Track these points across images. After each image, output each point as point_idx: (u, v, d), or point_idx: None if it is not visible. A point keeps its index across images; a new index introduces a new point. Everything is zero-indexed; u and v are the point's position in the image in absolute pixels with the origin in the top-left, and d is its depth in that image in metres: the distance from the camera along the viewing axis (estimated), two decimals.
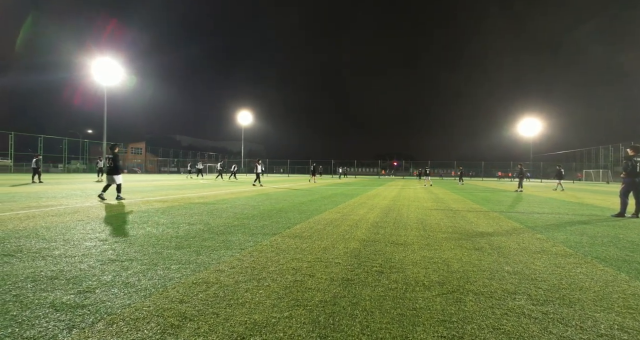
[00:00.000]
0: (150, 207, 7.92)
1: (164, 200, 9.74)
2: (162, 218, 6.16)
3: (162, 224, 5.55)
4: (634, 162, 7.30)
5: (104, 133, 37.51)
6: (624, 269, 3.31)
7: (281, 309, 2.27)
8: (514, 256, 3.78)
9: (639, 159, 7.29)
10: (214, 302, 2.37)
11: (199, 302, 2.35)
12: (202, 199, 10.14)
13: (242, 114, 69.46)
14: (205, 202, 9.37)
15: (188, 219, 6.08)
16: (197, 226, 5.39)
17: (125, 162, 62.19)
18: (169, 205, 8.26)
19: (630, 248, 4.28)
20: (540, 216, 7.42)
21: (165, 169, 67.66)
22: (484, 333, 1.97)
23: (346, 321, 2.10)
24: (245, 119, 69.50)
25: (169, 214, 6.78)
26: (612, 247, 4.34)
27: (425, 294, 2.58)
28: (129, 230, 4.96)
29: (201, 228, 5.24)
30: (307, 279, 2.91)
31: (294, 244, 4.25)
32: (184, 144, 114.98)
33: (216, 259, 3.48)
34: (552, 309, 2.33)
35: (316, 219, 6.35)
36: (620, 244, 4.51)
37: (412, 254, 3.83)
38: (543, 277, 3.04)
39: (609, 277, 3.05)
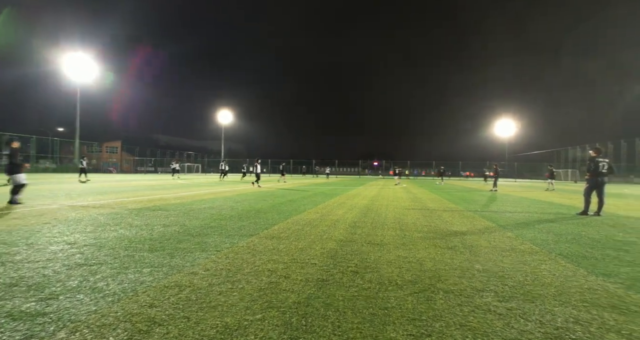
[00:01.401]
0: (124, 208, 7.69)
1: (139, 201, 9.47)
2: (136, 220, 5.99)
3: (136, 225, 5.40)
4: (596, 162, 7.70)
5: (76, 131, 36.03)
6: (583, 265, 3.50)
7: (254, 312, 2.26)
8: (484, 254, 3.92)
9: (600, 159, 7.70)
10: (185, 305, 2.33)
11: (169, 306, 2.30)
12: (179, 200, 9.93)
13: (222, 113, 68.35)
14: (183, 202, 9.18)
15: (163, 221, 5.94)
16: (172, 228, 5.28)
17: (100, 161, 59.97)
18: (144, 207, 8.04)
19: (590, 245, 4.52)
20: (511, 215, 7.71)
21: (142, 169, 65.70)
22: (451, 330, 2.04)
23: (318, 322, 2.12)
24: (226, 118, 68.40)
25: (143, 215, 6.60)
26: (575, 244, 4.57)
27: (398, 293, 2.64)
28: (100, 232, 4.79)
29: (176, 230, 5.13)
30: (282, 280, 2.91)
31: (271, 245, 4.24)
32: (162, 143, 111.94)
33: (190, 262, 3.42)
34: (516, 305, 2.43)
35: (295, 220, 6.35)
36: (581, 241, 4.75)
37: (388, 253, 3.90)
38: (510, 275, 3.16)
39: (569, 273, 3.22)
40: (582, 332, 2.02)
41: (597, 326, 2.10)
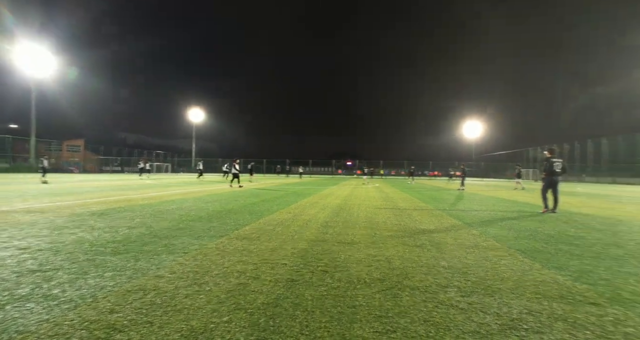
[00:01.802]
0: (86, 209, 7.30)
1: (103, 202, 9.02)
2: (98, 222, 5.71)
3: (98, 228, 5.15)
4: (550, 162, 8.22)
5: (32, 128, 33.72)
6: (538, 259, 3.73)
7: (221, 314, 2.22)
8: (450, 251, 4.07)
9: (554, 159, 8.22)
10: (149, 310, 2.26)
11: (131, 312, 2.22)
12: (147, 201, 9.56)
13: (194, 112, 66.48)
14: (150, 203, 8.85)
15: (128, 223, 5.70)
16: (138, 230, 5.08)
17: (60, 160, 56.48)
18: (108, 208, 7.67)
19: (545, 240, 4.81)
20: (477, 213, 8.06)
21: (108, 169, 62.57)
22: (415, 326, 2.10)
23: (286, 322, 2.12)
24: (197, 117, 66.64)
25: (107, 217, 6.30)
26: (532, 240, 4.85)
27: (366, 291, 2.69)
28: (57, 236, 4.52)
29: (142, 232, 4.94)
30: (251, 281, 2.88)
31: (241, 245, 4.18)
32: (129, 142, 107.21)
33: (156, 264, 3.31)
34: (477, 299, 2.55)
35: (266, 220, 6.30)
36: (538, 237, 5.05)
37: (358, 252, 3.96)
38: (472, 270, 3.30)
39: (526, 267, 3.41)
40: (534, 322, 2.16)
41: (547, 316, 2.25)
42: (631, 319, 2.22)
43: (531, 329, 2.06)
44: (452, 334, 2.00)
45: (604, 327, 2.11)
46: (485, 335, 1.98)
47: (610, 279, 3.06)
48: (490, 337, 1.96)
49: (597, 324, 2.14)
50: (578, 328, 2.08)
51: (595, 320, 2.19)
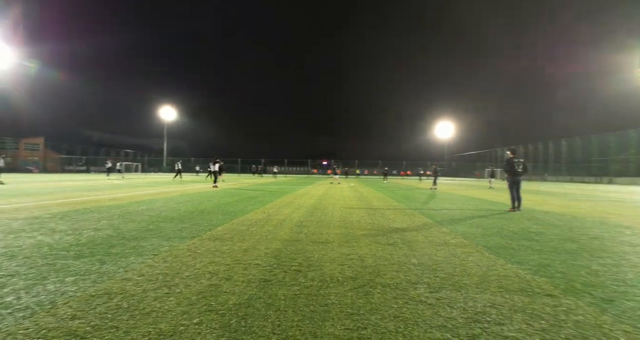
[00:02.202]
0: (46, 211, 6.90)
1: (66, 203, 8.56)
2: (60, 224, 5.41)
3: (60, 230, 4.88)
4: (512, 162, 8.63)
5: None
6: (502, 255, 3.92)
7: (191, 316, 2.18)
8: (420, 249, 4.19)
9: (516, 160, 8.64)
10: (115, 314, 2.18)
11: (95, 317, 2.13)
12: (114, 201, 9.17)
13: (165, 110, 64.32)
14: (118, 204, 8.49)
15: (94, 224, 5.45)
16: (104, 232, 4.87)
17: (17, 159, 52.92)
18: (72, 209, 7.29)
19: (510, 237, 5.07)
20: (448, 212, 8.33)
21: (71, 168, 59.33)
22: (385, 322, 2.16)
23: (258, 322, 2.11)
24: (169, 115, 64.54)
25: (70, 219, 5.98)
26: (498, 236, 5.09)
27: (338, 290, 2.72)
28: (12, 240, 4.25)
29: (109, 234, 4.74)
30: (223, 282, 2.84)
31: (214, 246, 4.11)
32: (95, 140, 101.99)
33: (124, 267, 3.20)
34: (445, 295, 2.64)
35: (240, 220, 6.22)
36: (503, 233, 5.31)
37: (332, 251, 4.00)
38: (442, 267, 3.42)
39: (491, 263, 3.58)
40: (496, 314, 2.27)
41: (508, 308, 2.37)
42: (581, 308, 2.39)
43: (493, 321, 2.17)
44: (420, 328, 2.07)
45: (557, 316, 2.25)
46: (451, 329, 2.06)
47: (565, 272, 3.27)
48: (455, 331, 2.04)
49: (551, 314, 2.28)
50: (535, 318, 2.22)
51: (550, 311, 2.34)
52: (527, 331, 2.04)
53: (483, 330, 2.04)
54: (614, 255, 3.97)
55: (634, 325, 2.14)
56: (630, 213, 8.37)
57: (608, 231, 5.67)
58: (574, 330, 2.05)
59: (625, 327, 2.11)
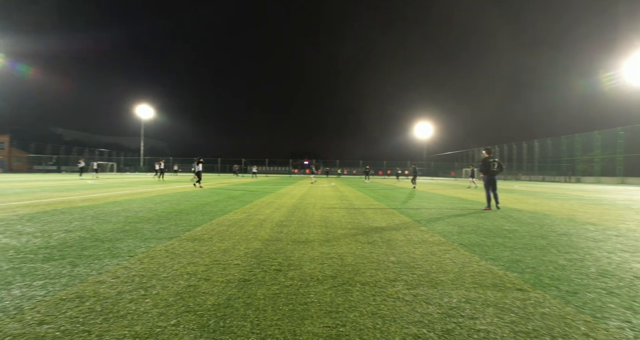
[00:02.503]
0: (12, 213, 6.57)
1: (34, 204, 8.18)
2: (27, 226, 5.17)
3: (27, 233, 4.67)
4: (487, 162, 8.89)
5: None
6: (477, 252, 4.06)
7: (168, 317, 2.15)
8: (399, 247, 4.28)
9: (491, 159, 8.91)
10: (87, 318, 2.11)
11: (65, 321, 2.06)
12: (88, 202, 8.83)
13: (142, 108, 62.31)
14: (92, 205, 8.19)
15: (65, 226, 5.23)
16: (76, 233, 4.69)
17: None
18: (40, 211, 6.97)
19: (485, 234, 5.24)
20: (426, 211, 8.52)
21: (40, 168, 56.63)
22: (363, 319, 2.20)
23: (237, 322, 2.10)
24: (146, 113, 62.59)
25: (38, 220, 5.73)
26: (473, 234, 5.26)
27: (318, 288, 2.74)
28: None
29: (82, 235, 4.58)
30: (201, 283, 2.81)
31: (192, 247, 4.04)
32: (67, 139, 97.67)
33: (97, 270, 3.10)
34: (422, 291, 2.71)
35: (220, 220, 6.13)
36: (479, 231, 5.49)
37: (312, 250, 4.02)
38: (419, 264, 3.50)
39: (466, 260, 3.70)
40: (470, 309, 2.36)
41: (481, 303, 2.46)
42: (548, 301, 2.52)
43: (467, 316, 2.25)
44: (397, 324, 2.12)
45: (526, 309, 2.36)
46: (427, 324, 2.12)
47: (535, 267, 3.43)
48: (431, 326, 2.10)
49: (521, 307, 2.39)
50: (505, 312, 2.31)
51: (519, 304, 2.45)
52: (498, 324, 2.12)
53: (457, 325, 2.11)
54: (580, 251, 4.19)
55: (593, 315, 2.27)
56: (595, 210, 8.84)
57: (575, 228, 5.96)
58: (540, 322, 2.16)
59: (586, 317, 2.24)
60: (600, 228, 5.99)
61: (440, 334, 2.00)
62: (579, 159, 43.61)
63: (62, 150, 62.36)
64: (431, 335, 1.97)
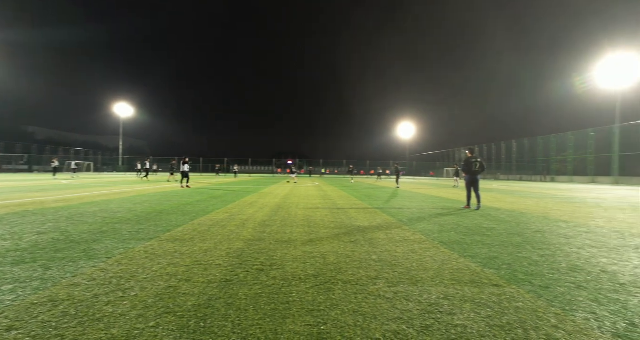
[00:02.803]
0: None
1: (3, 205, 7.82)
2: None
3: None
4: (469, 162, 9.05)
5: None
6: (457, 250, 4.16)
7: (147, 319, 2.10)
8: (381, 246, 4.33)
9: (473, 160, 9.07)
10: (60, 322, 2.04)
11: (37, 326, 1.99)
12: (62, 203, 8.52)
13: (121, 106, 60.38)
14: (67, 205, 7.90)
15: (37, 228, 5.03)
16: (49, 235, 4.52)
17: None
18: (10, 212, 6.68)
19: (464, 232, 5.38)
20: (408, 210, 8.66)
21: (10, 168, 54.10)
22: (345, 317, 2.22)
23: (218, 323, 2.09)
24: (125, 111, 60.71)
25: (7, 222, 5.48)
26: (453, 232, 5.39)
27: (300, 288, 2.75)
28: None
29: (55, 237, 4.42)
30: (182, 284, 2.76)
31: (173, 248, 3.97)
32: (40, 137, 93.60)
33: (72, 272, 3.00)
34: (402, 289, 2.76)
35: (201, 221, 6.04)
36: (458, 230, 5.62)
37: (294, 250, 4.02)
38: (400, 262, 3.56)
39: (446, 257, 3.79)
40: (449, 305, 2.42)
41: (459, 299, 2.54)
42: (522, 296, 2.61)
43: (445, 311, 2.31)
44: (378, 321, 2.15)
45: (501, 304, 2.45)
46: (407, 321, 2.16)
47: (510, 263, 3.55)
48: (411, 322, 2.15)
49: (496, 302, 2.48)
50: (482, 307, 2.39)
51: (495, 299, 2.53)
52: (474, 319, 2.19)
53: (436, 321, 2.16)
54: (552, 247, 4.37)
55: (563, 308, 2.38)
56: (567, 209, 9.21)
57: (549, 225, 6.21)
58: (514, 316, 2.24)
59: (556, 310, 2.35)
60: (572, 225, 6.25)
61: (419, 330, 2.04)
62: (554, 159, 45.32)
63: (34, 149, 59.80)
64: (410, 332, 2.02)
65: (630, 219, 7.13)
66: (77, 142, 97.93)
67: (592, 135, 38.96)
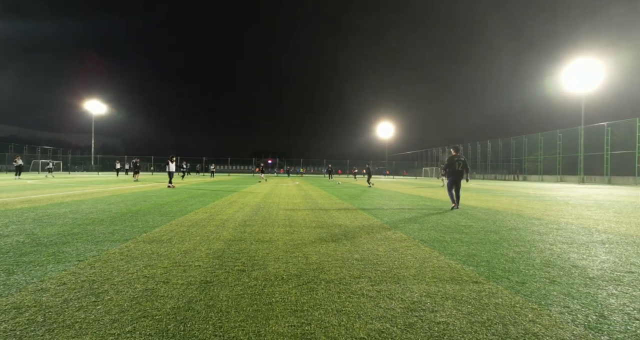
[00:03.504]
0: None
1: None
2: None
3: None
4: (452, 160, 9.04)
5: None
6: (437, 248, 4.24)
7: (123, 324, 2.01)
8: (363, 245, 4.35)
9: (456, 158, 9.07)
10: (25, 330, 1.91)
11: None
12: (28, 203, 8.06)
13: (93, 103, 57.90)
14: (34, 206, 7.49)
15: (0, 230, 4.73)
16: (13, 238, 4.26)
17: None
18: None
19: (443, 231, 5.50)
20: (389, 209, 8.76)
21: None
22: (329, 316, 2.20)
23: (199, 325, 2.02)
24: (97, 109, 58.28)
25: None
26: (433, 231, 5.49)
27: (283, 288, 2.71)
28: None
29: (20, 240, 4.17)
30: (160, 286, 2.66)
31: (150, 249, 3.83)
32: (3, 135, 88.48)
33: (39, 277, 2.83)
34: (385, 287, 2.78)
35: (180, 221, 5.87)
36: (438, 228, 5.74)
37: (276, 250, 3.97)
38: (382, 261, 3.58)
39: (427, 255, 3.85)
40: (431, 302, 2.45)
41: (440, 296, 2.57)
42: (500, 292, 2.69)
43: (427, 309, 2.33)
44: (361, 320, 2.15)
45: (481, 300, 2.50)
46: (390, 319, 2.17)
47: (489, 260, 3.65)
48: (394, 320, 2.15)
49: (476, 299, 2.53)
50: (463, 303, 2.43)
51: (475, 296, 2.59)
52: (456, 316, 2.22)
53: (419, 318, 2.18)
54: (527, 244, 4.53)
55: (539, 303, 2.46)
56: (539, 206, 9.61)
57: (523, 223, 6.44)
58: (494, 312, 2.30)
59: (533, 305, 2.42)
60: (544, 222, 6.51)
61: (402, 328, 2.05)
62: (526, 158, 47.21)
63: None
64: (394, 330, 2.02)
65: (596, 216, 7.51)
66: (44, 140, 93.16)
67: (560, 136, 40.83)
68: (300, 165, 62.68)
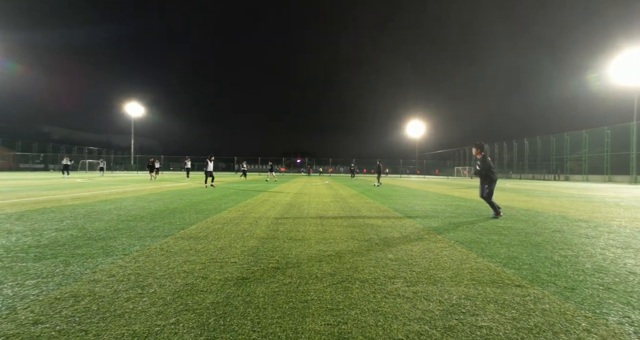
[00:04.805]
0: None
1: (22, 203, 7.99)
2: (16, 225, 5.04)
3: (17, 232, 4.55)
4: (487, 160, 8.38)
5: None
6: (474, 249, 4.08)
7: (167, 316, 2.10)
8: (396, 245, 4.27)
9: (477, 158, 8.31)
10: (83, 317, 2.05)
11: (61, 321, 2.00)
12: (78, 200, 8.67)
13: (132, 105, 61.24)
14: (83, 203, 8.04)
15: (56, 225, 5.12)
16: (68, 232, 4.59)
17: None
18: (29, 209, 6.82)
19: (480, 232, 5.28)
20: (420, 208, 8.55)
21: (27, 166, 55.51)
22: (365, 316, 2.18)
23: (237, 321, 2.07)
24: (136, 111, 61.55)
25: (27, 219, 5.59)
26: (469, 231, 5.29)
27: (317, 286, 2.72)
28: None
29: (74, 234, 4.48)
30: (199, 281, 2.76)
31: (188, 245, 3.98)
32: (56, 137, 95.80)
33: (91, 268, 3.03)
34: (421, 288, 2.71)
35: (214, 219, 6.07)
36: (474, 229, 5.52)
37: (309, 248, 3.99)
38: (417, 261, 3.50)
39: (464, 257, 3.71)
40: (471, 305, 2.36)
41: (481, 299, 2.47)
42: (547, 297, 2.53)
43: (468, 312, 2.25)
44: (399, 321, 2.11)
45: (526, 305, 2.37)
46: (429, 321, 2.11)
47: (531, 264, 3.45)
48: (433, 323, 2.09)
49: (521, 304, 2.40)
50: (506, 308, 2.32)
51: (519, 300, 2.46)
52: (499, 321, 2.13)
53: (459, 322, 2.11)
54: (574, 247, 4.24)
55: (593, 311, 2.29)
56: (585, 208, 8.98)
57: (567, 225, 6.05)
58: (541, 318, 2.17)
59: (586, 313, 2.26)
60: (592, 225, 6.08)
61: (442, 330, 1.99)
62: (568, 157, 44.34)
63: (49, 149, 61.18)
64: (434, 332, 1.97)
65: None
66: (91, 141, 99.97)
67: (608, 133, 37.96)
68: (330, 165, 62.74)
